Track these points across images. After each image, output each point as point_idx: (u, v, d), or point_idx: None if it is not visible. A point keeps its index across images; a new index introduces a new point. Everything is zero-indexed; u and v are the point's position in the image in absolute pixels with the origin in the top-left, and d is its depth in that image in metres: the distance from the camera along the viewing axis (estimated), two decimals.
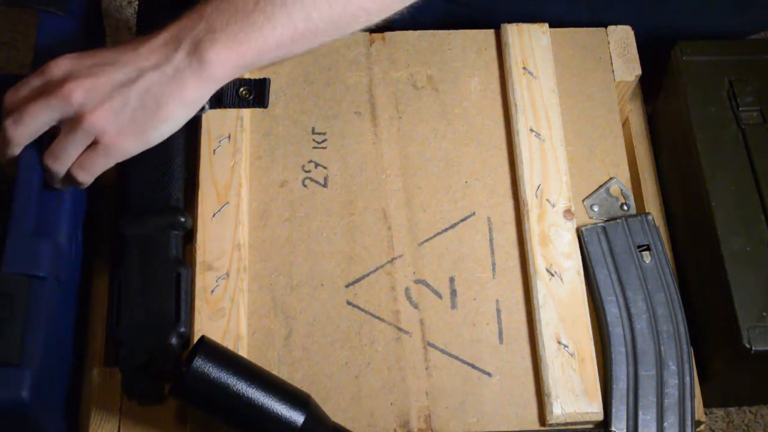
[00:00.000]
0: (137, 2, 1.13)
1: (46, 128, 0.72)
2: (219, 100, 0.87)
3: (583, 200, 0.87)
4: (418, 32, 0.94)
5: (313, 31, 0.71)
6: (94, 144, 0.72)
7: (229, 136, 0.86)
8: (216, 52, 0.70)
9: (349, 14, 0.72)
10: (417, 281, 0.83)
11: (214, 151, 0.86)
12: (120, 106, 0.71)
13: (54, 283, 0.74)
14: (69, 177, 0.74)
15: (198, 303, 0.80)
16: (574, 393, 0.78)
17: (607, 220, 0.86)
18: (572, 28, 0.94)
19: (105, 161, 0.73)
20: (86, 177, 0.74)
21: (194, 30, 0.71)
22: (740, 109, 0.91)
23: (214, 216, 0.83)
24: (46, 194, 0.76)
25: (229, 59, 0.70)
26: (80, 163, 0.73)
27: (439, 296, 0.83)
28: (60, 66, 0.73)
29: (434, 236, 0.85)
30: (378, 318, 0.82)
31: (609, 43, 0.94)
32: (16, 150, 0.74)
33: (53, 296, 0.74)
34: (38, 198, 0.75)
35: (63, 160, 0.73)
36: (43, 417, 0.74)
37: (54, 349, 0.76)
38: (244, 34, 0.70)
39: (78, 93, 0.70)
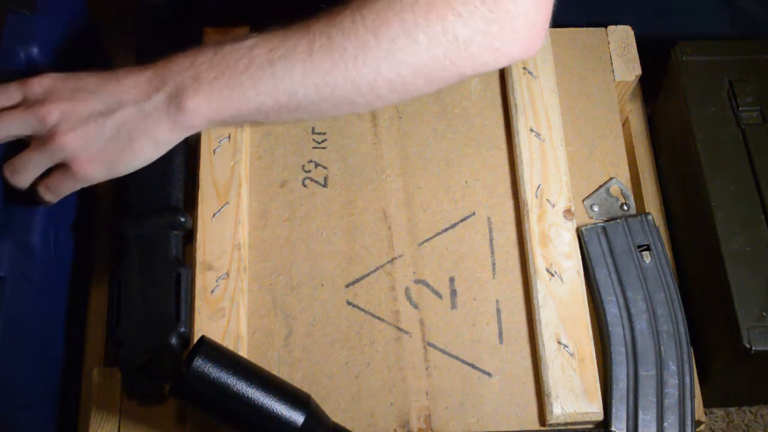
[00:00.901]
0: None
1: (13, 139, 0.73)
2: None
3: (583, 200, 0.87)
4: None
5: (295, 107, 0.71)
6: (63, 167, 0.72)
7: (229, 136, 0.86)
8: (196, 102, 0.70)
9: (334, 101, 0.71)
10: (417, 281, 0.83)
11: (214, 151, 0.86)
12: (93, 134, 0.71)
13: (20, 283, 0.74)
14: (35, 194, 0.75)
15: (198, 303, 0.80)
16: (574, 393, 0.78)
17: (607, 220, 0.86)
18: (572, 28, 0.94)
19: (72, 185, 0.73)
20: (52, 197, 0.74)
21: (181, 75, 0.70)
22: (740, 109, 0.91)
23: (214, 216, 0.83)
24: (15, 193, 0.75)
25: (207, 112, 0.70)
26: (47, 184, 0.73)
27: (439, 296, 0.83)
28: (43, 83, 0.73)
29: (434, 236, 0.85)
30: (378, 318, 0.82)
31: (609, 43, 0.94)
32: None
33: (19, 297, 0.73)
34: (3, 197, 0.74)
35: (21, 174, 0.73)
36: (10, 418, 0.74)
37: (22, 350, 0.75)
38: (228, 91, 0.70)
39: (54, 114, 0.71)
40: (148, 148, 0.72)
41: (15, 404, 0.75)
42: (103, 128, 0.71)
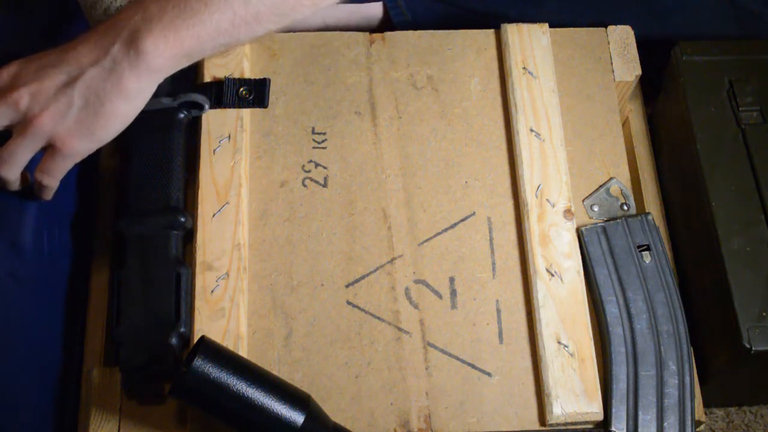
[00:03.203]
0: None
1: None
2: (219, 100, 0.87)
3: (583, 200, 0.87)
4: (418, 32, 0.94)
5: (255, 16, 0.70)
6: (50, 148, 0.72)
7: (229, 136, 0.86)
8: (153, 41, 0.69)
9: None
10: (417, 281, 0.83)
11: (214, 151, 0.86)
12: (65, 108, 0.70)
13: (9, 282, 0.74)
14: (36, 186, 0.75)
15: (198, 303, 0.79)
16: (574, 393, 0.78)
17: (607, 220, 0.86)
18: (572, 28, 0.94)
19: (63, 164, 0.73)
20: (51, 181, 0.74)
21: (131, 20, 0.70)
22: (740, 109, 0.91)
23: (214, 216, 0.83)
24: (5, 192, 0.75)
25: (166, 48, 0.69)
26: (41, 169, 0.73)
27: (439, 296, 0.83)
28: (10, 71, 0.72)
29: (434, 236, 0.85)
30: (378, 318, 0.82)
31: (609, 43, 0.94)
32: None
33: (7, 296, 0.73)
34: None
35: (11, 164, 0.73)
36: None
37: (11, 350, 0.75)
38: (181, 20, 0.69)
39: (24, 98, 0.70)
40: (122, 105, 0.71)
41: (4, 404, 0.75)
42: (72, 99, 0.70)
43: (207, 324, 0.79)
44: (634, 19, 0.95)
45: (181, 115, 0.85)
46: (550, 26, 0.93)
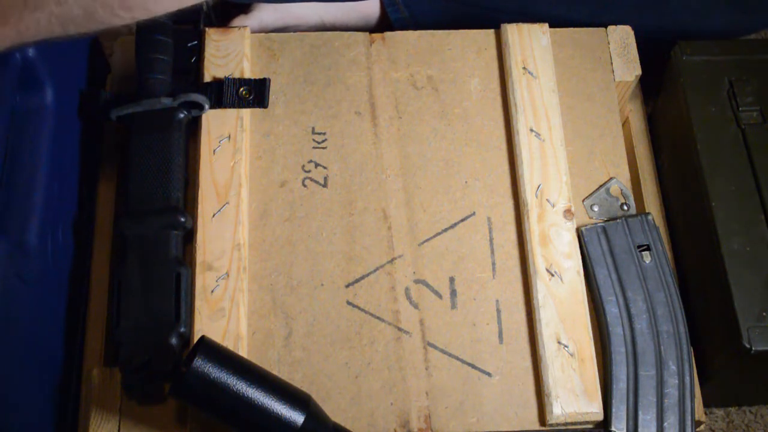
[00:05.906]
0: None
1: None
2: (219, 100, 0.87)
3: (583, 200, 0.87)
4: (418, 32, 0.94)
5: (70, 18, 0.71)
6: None
7: (229, 136, 0.86)
8: None
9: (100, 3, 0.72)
10: (417, 281, 0.83)
11: (214, 151, 0.86)
12: None
13: (15, 283, 0.74)
14: None
15: (198, 303, 0.79)
16: (574, 393, 0.78)
17: (607, 220, 0.86)
18: (572, 28, 0.94)
19: None
20: None
21: None
22: (740, 109, 0.91)
23: (214, 216, 0.83)
24: (12, 193, 0.75)
25: None
26: None
27: (439, 296, 0.83)
28: None
29: (434, 236, 0.85)
30: (378, 318, 0.82)
31: (609, 43, 0.94)
32: None
33: (13, 297, 0.73)
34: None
35: None
36: (2, 419, 0.74)
37: (16, 351, 0.75)
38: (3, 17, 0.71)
39: None
40: None
41: (8, 404, 0.75)
42: None
43: (207, 324, 0.79)
44: (634, 19, 0.95)
45: (181, 115, 0.85)
46: (550, 26, 0.93)
